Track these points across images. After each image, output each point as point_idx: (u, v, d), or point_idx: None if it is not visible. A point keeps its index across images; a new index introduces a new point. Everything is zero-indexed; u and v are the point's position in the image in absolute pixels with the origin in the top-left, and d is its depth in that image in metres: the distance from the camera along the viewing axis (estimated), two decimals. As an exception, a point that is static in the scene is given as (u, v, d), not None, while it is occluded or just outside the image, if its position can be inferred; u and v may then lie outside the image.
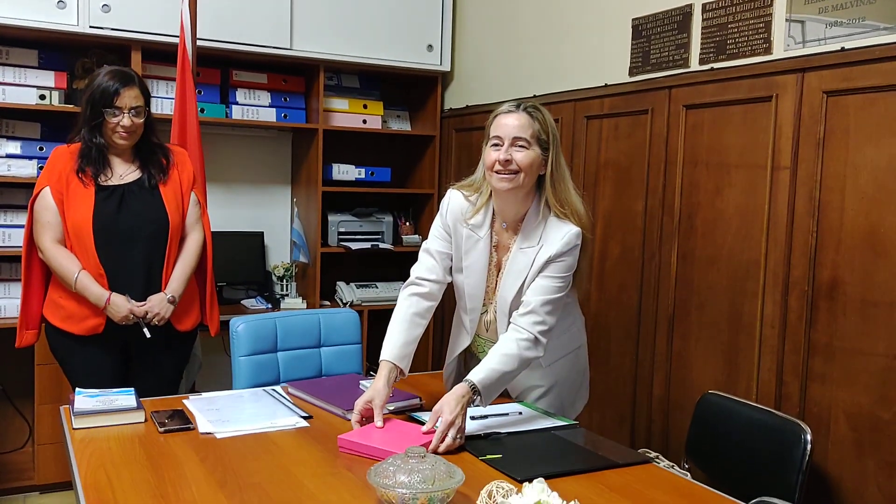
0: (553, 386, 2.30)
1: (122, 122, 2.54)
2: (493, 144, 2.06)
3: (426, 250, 2.27)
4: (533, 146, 2.04)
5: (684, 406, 2.77)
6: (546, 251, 2.07)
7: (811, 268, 2.36)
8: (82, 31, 3.39)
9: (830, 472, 2.30)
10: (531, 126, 2.04)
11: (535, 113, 2.06)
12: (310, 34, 3.85)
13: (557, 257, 2.07)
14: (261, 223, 4.21)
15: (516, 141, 2.03)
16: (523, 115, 2.05)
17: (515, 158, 2.02)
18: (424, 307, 2.21)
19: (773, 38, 2.50)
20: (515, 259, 2.13)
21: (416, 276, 2.24)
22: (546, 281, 2.08)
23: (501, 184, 2.05)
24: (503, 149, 2.03)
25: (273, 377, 2.57)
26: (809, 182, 2.37)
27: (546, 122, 2.08)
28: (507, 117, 2.06)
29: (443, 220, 2.24)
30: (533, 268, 2.09)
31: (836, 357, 2.30)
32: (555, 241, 2.07)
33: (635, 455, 1.89)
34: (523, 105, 2.08)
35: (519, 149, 2.03)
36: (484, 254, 2.17)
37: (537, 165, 2.06)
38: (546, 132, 2.06)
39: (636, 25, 3.01)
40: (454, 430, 1.86)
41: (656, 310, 2.90)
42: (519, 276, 2.11)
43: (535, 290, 2.09)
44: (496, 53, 3.91)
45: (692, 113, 2.76)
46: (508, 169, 2.03)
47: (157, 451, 1.80)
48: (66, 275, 2.53)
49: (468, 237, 2.18)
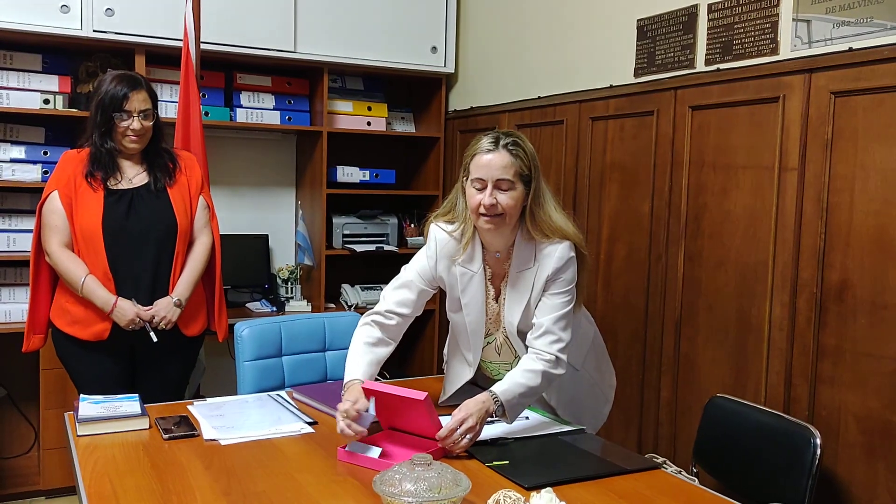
0: (588, 380, 2.33)
1: (133, 126, 2.55)
2: (476, 187, 1.98)
3: (406, 284, 2.16)
4: (517, 185, 1.98)
5: (692, 409, 2.75)
6: (543, 272, 2.04)
7: (820, 270, 2.34)
8: (86, 36, 3.38)
9: (840, 476, 2.28)
10: (513, 165, 1.96)
11: (515, 150, 1.98)
12: (313, 36, 3.84)
13: (556, 274, 2.04)
14: (265, 226, 4.20)
15: (500, 184, 1.96)
16: (504, 153, 1.96)
17: (500, 202, 1.96)
18: (383, 341, 2.12)
19: (779, 39, 2.48)
20: (515, 283, 2.09)
21: (385, 309, 2.14)
22: (552, 299, 2.05)
23: (488, 226, 2.00)
24: (486, 193, 1.95)
25: (278, 382, 2.55)
26: (817, 183, 2.35)
27: (527, 154, 2.00)
28: (487, 157, 1.97)
29: (430, 261, 2.15)
30: (535, 290, 2.06)
31: (846, 360, 2.28)
32: (549, 260, 2.03)
33: (644, 461, 1.88)
34: (502, 141, 1.98)
35: (503, 192, 1.96)
36: (481, 288, 2.12)
37: (521, 200, 2.00)
38: (528, 167, 1.99)
39: (641, 26, 2.99)
40: (472, 435, 1.84)
41: (663, 312, 2.88)
42: (521, 298, 2.07)
43: (543, 310, 2.05)
44: (500, 55, 3.89)
45: (698, 114, 2.74)
46: (494, 212, 1.97)
47: (161, 458, 1.79)
48: (73, 279, 2.53)
49: (462, 275, 2.12)
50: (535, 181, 2.01)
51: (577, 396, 2.30)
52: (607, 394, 2.45)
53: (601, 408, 2.41)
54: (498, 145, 1.97)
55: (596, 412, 2.39)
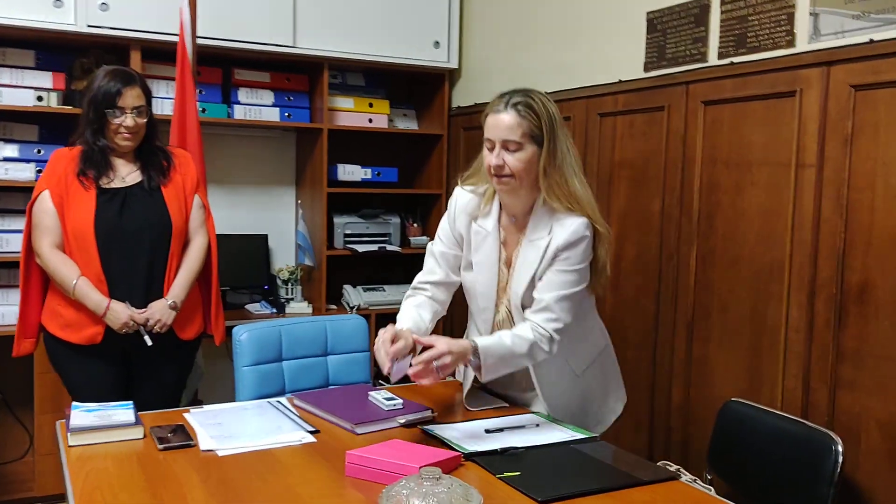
0: (585, 392, 2.21)
1: (126, 123, 2.48)
2: (487, 147, 1.99)
3: (429, 252, 2.23)
4: (526, 145, 1.94)
5: (705, 414, 2.66)
6: (555, 242, 1.99)
7: (839, 270, 2.26)
8: (80, 31, 3.30)
9: (861, 484, 2.20)
10: (520, 126, 1.93)
11: (523, 111, 1.93)
12: (313, 31, 3.76)
13: (566, 247, 1.98)
14: (265, 225, 4.11)
15: (507, 144, 1.94)
16: (512, 113, 1.93)
17: (507, 163, 1.95)
18: (429, 304, 2.16)
19: (796, 31, 2.39)
20: (525, 252, 2.04)
21: (417, 282, 2.21)
22: (558, 276, 2.00)
23: (500, 187, 2.01)
24: (495, 153, 1.95)
25: (278, 387, 2.47)
26: (837, 180, 2.26)
27: (540, 113, 1.94)
28: (495, 118, 1.96)
29: (450, 221, 2.17)
30: (544, 260, 2.00)
31: (867, 364, 2.19)
32: (563, 231, 1.98)
33: (660, 471, 1.79)
34: (512, 100, 1.95)
35: (510, 153, 1.94)
36: (494, 249, 2.10)
37: (533, 164, 1.96)
38: (539, 126, 1.94)
39: (651, 19, 2.91)
40: (437, 363, 1.82)
41: (675, 313, 2.80)
42: (530, 268, 2.02)
43: (548, 285, 2.00)
44: (505, 49, 3.81)
45: (711, 109, 2.66)
46: (502, 174, 1.96)
47: (156, 470, 1.71)
48: (65, 281, 2.46)
49: (477, 233, 2.11)
50: (550, 141, 1.95)
51: (569, 405, 2.17)
52: (601, 416, 2.27)
53: (590, 427, 2.18)
54: (507, 106, 1.94)
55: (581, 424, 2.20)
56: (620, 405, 2.32)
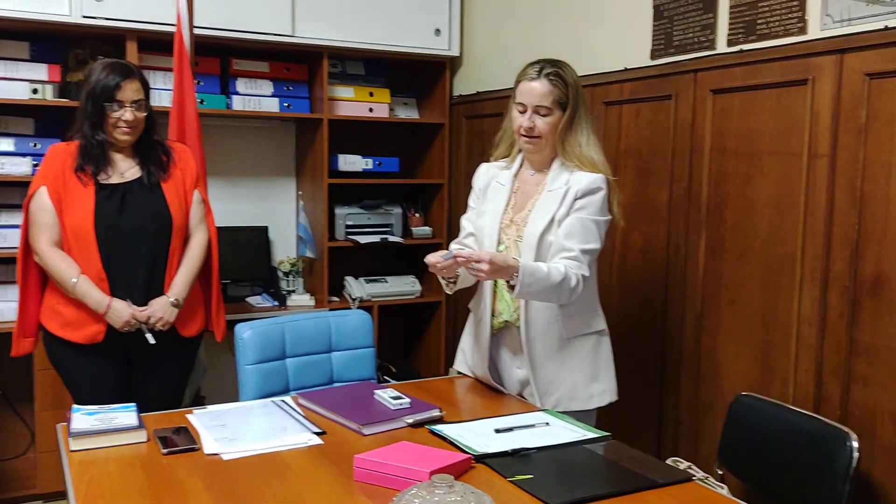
0: (573, 368, 2.23)
1: (125, 117, 2.43)
2: (518, 110, 2.22)
3: (465, 216, 2.43)
4: (555, 111, 2.19)
5: (714, 408, 2.63)
6: (573, 189, 2.18)
7: (853, 262, 2.21)
8: (75, 22, 3.23)
9: (877, 480, 2.17)
10: (552, 93, 2.17)
11: (555, 80, 2.18)
12: (312, 20, 3.69)
13: (584, 194, 2.16)
14: (265, 217, 4.06)
15: (538, 109, 2.18)
16: (545, 82, 2.17)
17: (538, 125, 2.19)
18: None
19: (808, 17, 2.34)
20: (545, 199, 2.22)
21: (453, 245, 2.35)
22: (580, 224, 2.15)
23: (527, 146, 2.24)
24: (527, 116, 2.19)
25: (282, 385, 2.43)
26: (850, 171, 2.22)
27: (568, 83, 2.19)
28: (529, 84, 2.19)
29: (477, 184, 2.41)
30: (563, 204, 2.17)
31: (881, 357, 2.16)
32: (581, 180, 2.18)
33: (675, 472, 1.76)
34: (545, 71, 2.18)
35: (541, 117, 2.18)
36: (504, 197, 2.30)
37: (558, 128, 2.20)
38: (568, 93, 2.19)
39: (658, 5, 2.85)
40: (486, 265, 1.95)
41: (683, 305, 2.76)
42: (548, 212, 2.19)
43: (572, 235, 2.14)
44: (507, 36, 3.74)
45: (720, 98, 2.61)
46: (532, 135, 2.20)
47: (159, 476, 1.67)
48: (64, 279, 2.41)
49: (493, 188, 2.34)
50: (572, 108, 2.19)
51: (554, 379, 2.23)
52: (585, 400, 2.24)
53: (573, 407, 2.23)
54: (541, 74, 2.18)
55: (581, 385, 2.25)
56: (608, 396, 2.29)
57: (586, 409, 2.25)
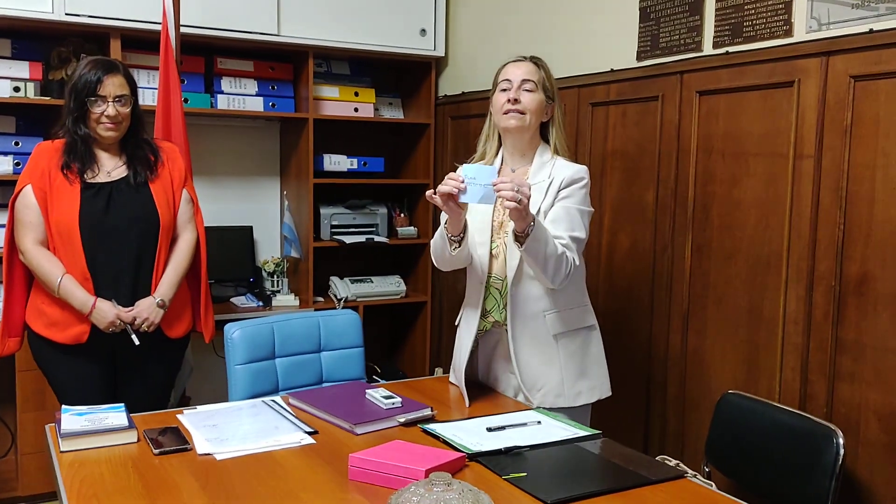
0: (560, 366, 2.20)
1: (107, 112, 2.41)
2: (503, 89, 2.22)
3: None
4: (539, 90, 2.22)
5: (700, 406, 2.66)
6: (557, 179, 2.19)
7: (838, 262, 2.25)
8: (58, 19, 3.20)
9: (861, 477, 2.20)
10: (537, 73, 2.23)
11: (540, 62, 2.26)
12: (298, 19, 3.68)
13: (569, 184, 2.17)
14: (249, 217, 4.04)
15: (524, 83, 2.20)
16: (530, 63, 2.25)
17: (523, 99, 2.19)
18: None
19: (794, 20, 2.37)
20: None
21: None
22: (567, 213, 2.15)
23: (510, 122, 2.20)
24: (512, 90, 2.20)
25: (272, 385, 2.42)
26: (835, 172, 2.25)
27: (550, 75, 2.27)
28: (515, 65, 2.25)
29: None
30: (547, 196, 2.18)
31: (866, 356, 2.19)
32: (564, 170, 2.20)
33: (667, 469, 1.77)
34: (530, 56, 2.27)
35: (526, 92, 2.20)
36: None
37: (542, 110, 2.23)
38: (550, 83, 2.25)
39: (644, 7, 2.87)
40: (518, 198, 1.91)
41: (669, 305, 2.78)
42: (533, 206, 2.13)
43: (560, 222, 2.14)
44: (493, 37, 3.75)
45: (706, 99, 2.63)
46: (517, 108, 2.19)
47: (152, 476, 1.66)
48: (49, 278, 2.39)
49: None
50: (558, 102, 2.28)
51: (541, 377, 2.20)
52: (572, 396, 2.23)
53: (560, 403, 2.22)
54: (526, 58, 2.27)
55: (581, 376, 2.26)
56: (597, 393, 2.28)
57: (573, 405, 2.23)
